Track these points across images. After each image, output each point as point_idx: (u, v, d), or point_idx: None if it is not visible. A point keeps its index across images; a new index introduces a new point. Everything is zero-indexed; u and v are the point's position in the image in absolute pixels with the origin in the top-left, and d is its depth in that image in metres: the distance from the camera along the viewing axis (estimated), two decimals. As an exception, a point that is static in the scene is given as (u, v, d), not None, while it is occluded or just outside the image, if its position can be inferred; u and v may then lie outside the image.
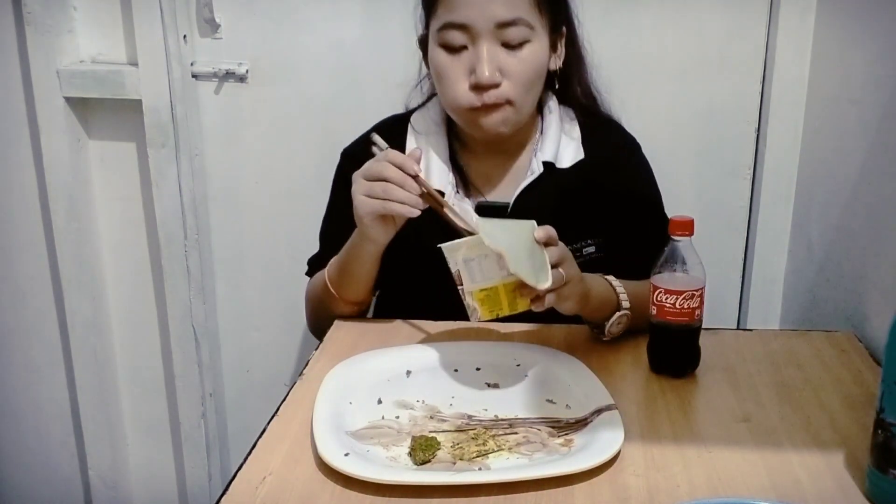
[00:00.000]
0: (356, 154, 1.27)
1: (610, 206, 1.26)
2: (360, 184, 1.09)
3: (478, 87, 1.14)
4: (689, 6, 1.51)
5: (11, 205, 1.75)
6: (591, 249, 1.25)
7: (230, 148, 1.68)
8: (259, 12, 1.59)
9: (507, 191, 1.27)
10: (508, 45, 1.15)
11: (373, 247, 1.15)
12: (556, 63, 1.25)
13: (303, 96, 1.63)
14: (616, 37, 1.52)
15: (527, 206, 1.24)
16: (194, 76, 1.63)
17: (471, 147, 1.28)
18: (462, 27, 1.14)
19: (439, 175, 1.25)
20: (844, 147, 1.33)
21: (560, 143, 1.26)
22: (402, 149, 1.25)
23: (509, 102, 1.16)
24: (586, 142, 1.27)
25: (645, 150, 1.32)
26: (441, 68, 1.17)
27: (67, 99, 1.63)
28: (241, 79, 1.63)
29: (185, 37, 1.59)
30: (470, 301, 1.00)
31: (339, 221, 1.25)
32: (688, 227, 1.01)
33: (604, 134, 1.30)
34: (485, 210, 1.25)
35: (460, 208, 1.22)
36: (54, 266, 1.74)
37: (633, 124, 1.35)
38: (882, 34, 1.21)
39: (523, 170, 1.26)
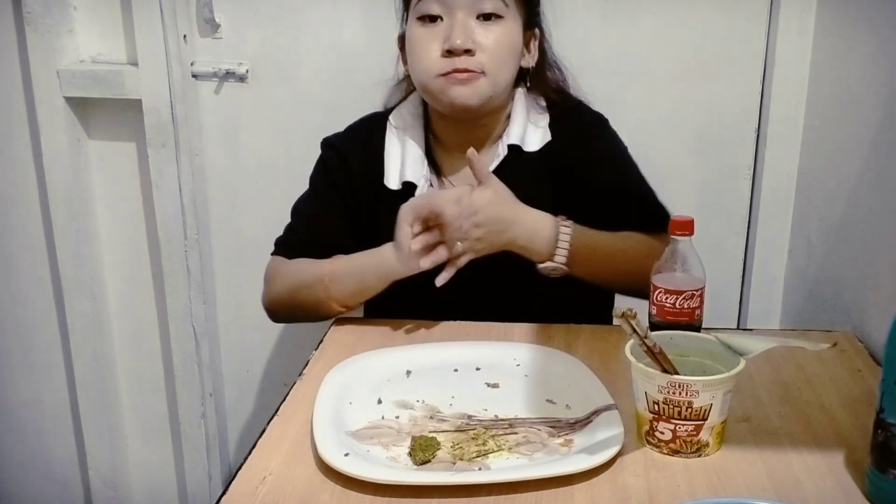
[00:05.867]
0: (336, 144, 1.33)
1: (583, 184, 1.26)
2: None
3: (451, 53, 1.17)
4: (689, 6, 1.51)
5: (11, 205, 1.75)
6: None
7: (230, 148, 1.68)
8: (259, 12, 1.59)
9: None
10: (482, 16, 1.18)
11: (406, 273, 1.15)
12: (529, 62, 1.28)
13: (303, 96, 1.63)
14: (616, 37, 1.52)
15: None
16: (194, 76, 1.63)
17: (444, 142, 1.30)
18: None
19: (414, 168, 1.27)
20: (844, 147, 1.33)
21: (527, 129, 1.28)
22: (381, 145, 1.30)
23: (483, 73, 1.18)
24: (553, 126, 1.29)
25: (645, 150, 1.32)
26: (416, 40, 1.20)
27: (67, 99, 1.63)
28: (241, 79, 1.63)
29: (185, 37, 1.59)
30: (706, 437, 0.87)
31: (317, 213, 1.30)
32: (688, 227, 1.01)
33: (570, 116, 1.31)
34: None
35: None
36: (54, 266, 1.74)
37: (633, 124, 1.35)
38: (882, 34, 1.21)
39: (492, 160, 1.28)
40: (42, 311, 1.80)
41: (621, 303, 1.17)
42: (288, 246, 1.30)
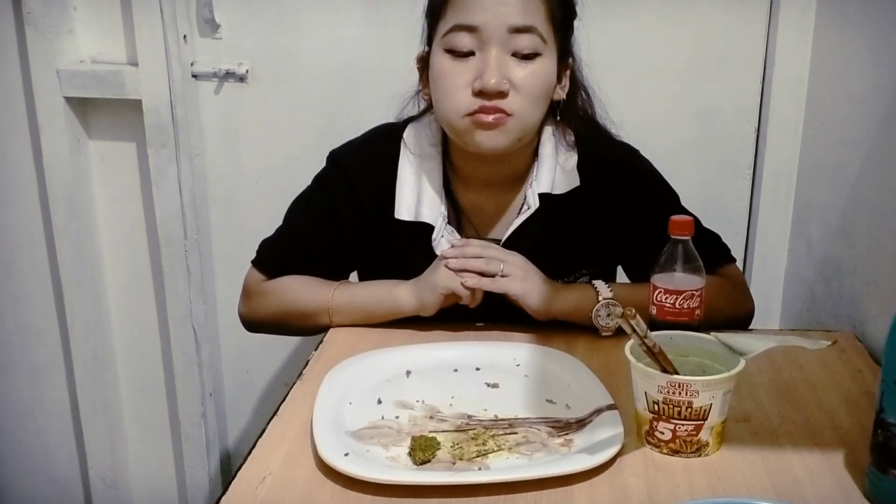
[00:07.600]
0: (344, 164, 1.24)
1: (622, 226, 1.22)
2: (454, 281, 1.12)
3: (482, 94, 1.08)
4: (689, 6, 1.51)
5: (11, 205, 1.75)
6: (586, 279, 1.22)
7: (230, 148, 1.68)
8: (259, 12, 1.59)
9: (501, 225, 1.23)
10: (519, 55, 1.09)
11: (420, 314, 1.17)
12: (560, 94, 1.19)
13: (303, 96, 1.63)
14: (616, 37, 1.52)
15: (521, 241, 1.20)
16: (194, 76, 1.63)
17: (464, 177, 1.22)
18: (472, 29, 1.08)
19: (431, 205, 1.19)
20: (844, 147, 1.33)
21: (556, 173, 1.21)
22: (393, 169, 1.21)
23: (512, 115, 1.10)
24: (582, 168, 1.22)
25: (645, 151, 1.32)
26: (443, 73, 1.11)
27: (67, 99, 1.63)
28: (241, 79, 1.63)
29: (185, 37, 1.59)
30: (706, 437, 0.87)
31: (309, 233, 1.25)
32: (688, 227, 1.01)
33: (598, 156, 1.23)
34: None
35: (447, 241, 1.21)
36: (54, 266, 1.74)
37: (633, 124, 1.35)
38: (882, 34, 1.21)
39: (518, 203, 1.22)
40: (42, 311, 1.80)
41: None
42: (273, 265, 1.26)
